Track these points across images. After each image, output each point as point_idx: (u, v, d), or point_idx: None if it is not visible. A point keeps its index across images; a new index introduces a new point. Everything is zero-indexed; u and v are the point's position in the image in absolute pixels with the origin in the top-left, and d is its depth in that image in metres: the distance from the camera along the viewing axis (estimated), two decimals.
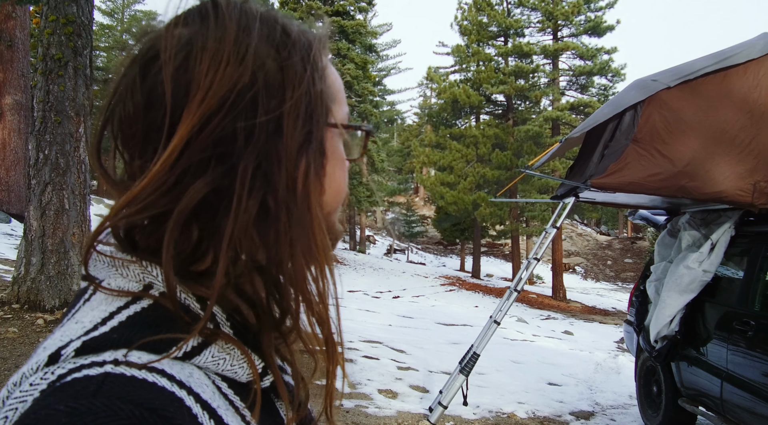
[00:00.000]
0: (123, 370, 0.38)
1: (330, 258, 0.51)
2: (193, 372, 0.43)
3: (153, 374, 0.39)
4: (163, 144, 0.44)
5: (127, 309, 0.45)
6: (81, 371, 0.38)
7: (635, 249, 36.45)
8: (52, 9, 5.76)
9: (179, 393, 0.40)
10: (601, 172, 4.06)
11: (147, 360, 0.40)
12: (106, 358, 0.39)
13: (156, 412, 0.36)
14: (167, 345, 0.42)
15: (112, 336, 0.42)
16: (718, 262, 4.22)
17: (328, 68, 0.55)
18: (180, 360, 0.43)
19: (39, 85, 5.71)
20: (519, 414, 4.95)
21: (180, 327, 0.44)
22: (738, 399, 3.69)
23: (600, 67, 22.62)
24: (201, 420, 0.40)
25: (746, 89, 3.99)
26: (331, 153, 0.53)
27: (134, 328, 0.43)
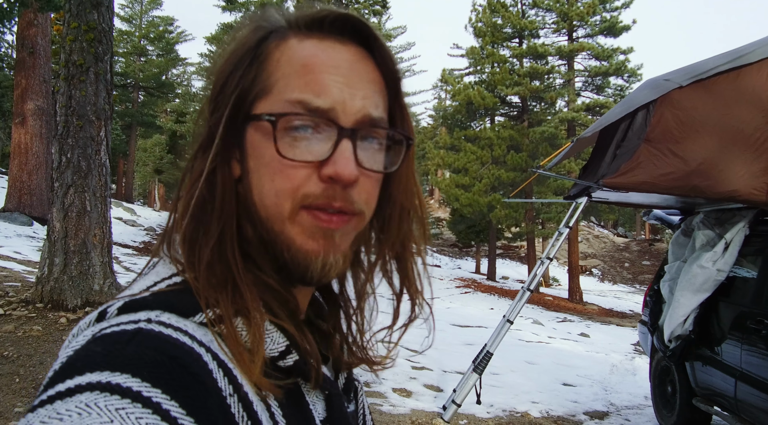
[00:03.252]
0: (153, 327, 0.44)
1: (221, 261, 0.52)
2: (215, 339, 0.47)
3: (177, 332, 0.45)
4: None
5: (169, 280, 0.51)
6: (119, 326, 0.45)
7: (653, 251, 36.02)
8: (74, 16, 5.92)
9: (198, 349, 0.44)
10: (613, 172, 4.08)
11: (175, 321, 0.46)
12: (140, 317, 0.46)
13: (176, 359, 0.42)
14: (195, 311, 0.48)
15: (148, 299, 0.48)
16: (732, 262, 4.21)
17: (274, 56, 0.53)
18: (204, 326, 0.48)
19: (62, 91, 5.87)
20: (533, 413, 4.97)
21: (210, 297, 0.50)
22: (753, 398, 3.68)
23: (616, 68, 22.43)
24: (215, 376, 0.44)
25: (760, 88, 3.98)
26: (253, 149, 0.52)
27: (170, 295, 0.49)
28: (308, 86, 0.50)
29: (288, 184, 0.50)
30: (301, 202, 0.50)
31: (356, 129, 0.51)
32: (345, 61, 0.52)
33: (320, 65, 0.51)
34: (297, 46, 0.52)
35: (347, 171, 0.49)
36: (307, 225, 0.50)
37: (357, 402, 0.66)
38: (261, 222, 0.52)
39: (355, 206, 0.51)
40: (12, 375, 4.04)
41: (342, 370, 0.63)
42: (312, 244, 0.51)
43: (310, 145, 0.50)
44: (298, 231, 0.51)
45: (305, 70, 0.50)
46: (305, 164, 0.50)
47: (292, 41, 0.52)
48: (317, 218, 0.50)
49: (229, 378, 0.45)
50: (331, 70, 0.51)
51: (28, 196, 14.39)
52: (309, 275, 0.52)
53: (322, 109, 0.50)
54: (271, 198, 0.51)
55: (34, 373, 4.13)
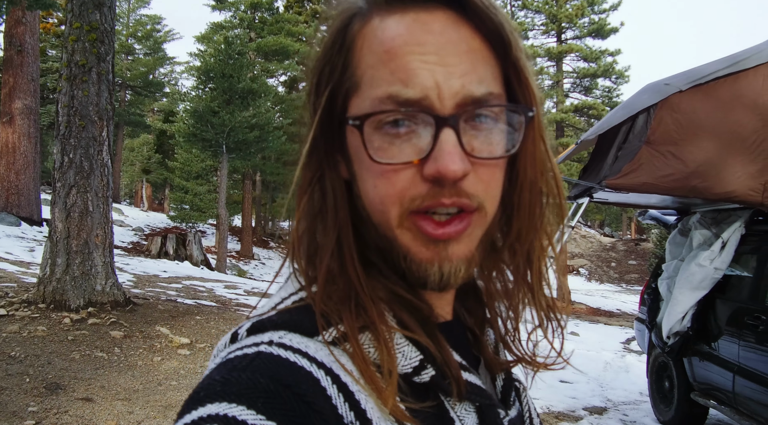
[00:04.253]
0: (273, 350, 0.43)
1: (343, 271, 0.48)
2: (341, 357, 0.44)
3: (297, 355, 0.43)
4: None
5: (294, 295, 0.49)
6: (243, 349, 0.44)
7: (639, 250, 36.48)
8: (76, 16, 5.92)
9: (317, 373, 0.42)
10: (615, 173, 4.20)
11: (297, 342, 0.44)
12: (264, 339, 0.44)
13: (290, 388, 0.40)
14: (318, 330, 0.46)
15: (273, 319, 0.47)
16: (728, 260, 4.35)
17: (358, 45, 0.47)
18: (330, 344, 0.45)
19: (64, 91, 5.87)
20: None
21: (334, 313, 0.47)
22: (750, 392, 3.81)
23: (604, 69, 22.76)
24: (335, 402, 0.41)
25: (756, 92, 4.12)
26: (355, 153, 0.48)
27: (295, 312, 0.47)
28: (394, 75, 0.44)
29: (391, 189, 0.45)
30: (409, 207, 0.45)
31: (457, 114, 0.44)
32: (434, 34, 0.45)
33: (404, 47, 0.44)
34: (378, 27, 0.46)
35: (451, 167, 0.43)
36: (417, 233, 0.46)
37: (521, 405, 0.61)
38: (375, 229, 0.49)
39: (473, 200, 0.45)
40: (22, 375, 4.05)
41: (498, 372, 0.58)
42: (425, 253, 0.47)
43: (408, 142, 0.45)
44: (410, 238, 0.47)
45: (388, 56, 0.44)
46: (406, 165, 0.44)
47: (374, 22, 0.46)
48: (422, 229, 0.46)
49: (350, 404, 0.42)
50: (417, 49, 0.44)
51: (16, 196, 14.23)
52: (429, 283, 0.48)
53: (414, 100, 0.44)
54: (377, 205, 0.47)
55: (43, 373, 4.15)
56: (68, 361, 4.45)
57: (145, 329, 5.45)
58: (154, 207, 35.81)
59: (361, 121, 0.45)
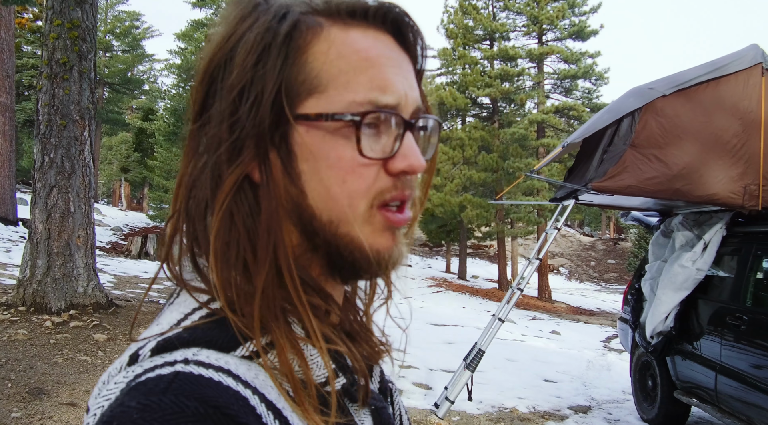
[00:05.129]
0: (191, 369, 0.40)
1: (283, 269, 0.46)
2: (260, 373, 0.44)
3: (219, 373, 0.41)
4: None
5: (200, 310, 0.46)
6: (154, 371, 0.40)
7: (618, 250, 37.04)
8: (57, 14, 5.81)
9: (244, 392, 0.41)
10: (600, 176, 4.26)
11: (215, 359, 0.42)
12: (177, 357, 0.41)
13: (220, 409, 0.38)
14: (235, 344, 0.44)
15: (183, 336, 0.44)
16: (710, 261, 4.44)
17: (317, 49, 0.47)
18: (248, 360, 0.44)
19: (44, 89, 5.75)
20: (520, 409, 5.13)
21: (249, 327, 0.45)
22: (732, 390, 3.90)
23: (584, 71, 22.99)
24: (265, 420, 0.41)
25: (737, 98, 4.22)
26: (308, 150, 0.47)
27: (206, 327, 0.45)
28: (373, 83, 0.47)
29: (363, 184, 0.47)
30: (376, 199, 0.48)
31: (414, 121, 0.50)
32: (394, 52, 0.50)
33: (379, 58, 0.48)
34: (344, 37, 0.48)
35: (419, 162, 0.49)
36: (378, 225, 0.49)
37: (393, 405, 0.62)
38: (322, 227, 0.48)
39: (414, 192, 0.51)
40: (3, 380, 3.97)
41: (374, 365, 0.58)
42: (382, 241, 0.49)
43: (378, 141, 0.48)
44: (369, 231, 0.48)
45: (366, 64, 0.47)
46: (376, 161, 0.48)
47: (334, 31, 0.48)
48: (388, 218, 0.49)
49: (280, 421, 0.42)
50: (389, 62, 0.49)
51: None
52: (382, 270, 0.50)
53: (391, 106, 0.48)
54: (342, 200, 0.47)
55: (25, 378, 4.07)
56: (51, 365, 4.37)
57: (128, 331, 5.37)
58: (132, 206, 35.31)
59: (361, 117, 0.46)
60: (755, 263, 4.06)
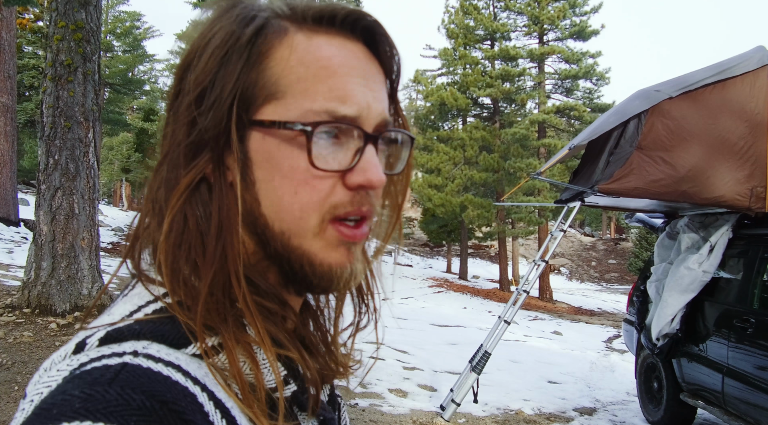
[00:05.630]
0: (140, 362, 0.39)
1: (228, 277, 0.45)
2: (210, 373, 0.43)
3: (169, 368, 0.40)
4: None
5: (155, 303, 0.45)
6: (101, 360, 0.39)
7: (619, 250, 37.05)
8: (62, 15, 5.80)
9: (193, 389, 0.40)
10: (607, 178, 4.26)
11: (165, 353, 0.41)
12: (126, 349, 0.40)
13: (167, 404, 0.37)
14: (187, 341, 0.43)
15: (134, 328, 0.42)
16: (717, 263, 4.44)
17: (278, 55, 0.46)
18: (198, 358, 0.43)
19: (48, 91, 5.75)
20: (526, 411, 5.13)
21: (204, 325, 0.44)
22: (739, 392, 3.90)
23: (585, 71, 23.00)
24: (212, 419, 0.40)
25: (743, 99, 4.21)
26: (263, 158, 0.46)
27: (158, 322, 0.43)
28: (332, 92, 0.46)
29: (315, 196, 0.46)
30: (329, 213, 0.47)
31: (377, 134, 0.48)
32: (360, 60, 0.48)
33: (341, 67, 0.46)
34: (307, 43, 0.47)
35: (377, 177, 0.47)
36: (331, 239, 0.47)
37: (339, 419, 0.60)
38: (273, 237, 0.47)
39: (375, 209, 0.49)
40: (10, 383, 3.97)
41: (326, 383, 0.57)
42: (335, 257, 0.48)
43: (336, 153, 0.46)
44: (321, 245, 0.47)
45: (326, 73, 0.46)
46: (332, 174, 0.46)
47: (298, 37, 0.47)
48: (342, 233, 0.47)
49: (227, 420, 0.41)
50: (352, 72, 0.47)
51: None
52: (334, 286, 0.49)
53: (350, 118, 0.46)
54: (294, 212, 0.46)
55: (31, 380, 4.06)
56: None
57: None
58: (133, 206, 35.32)
59: (312, 127, 0.45)
60: (762, 265, 4.06)
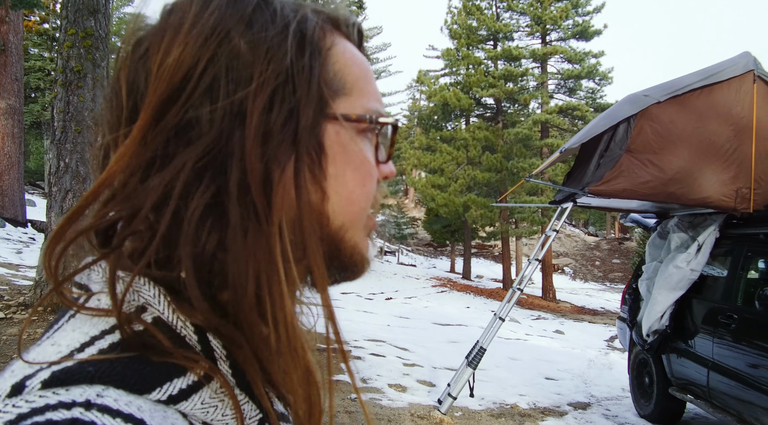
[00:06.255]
0: (94, 417, 0.33)
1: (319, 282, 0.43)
2: (177, 422, 0.37)
3: (128, 424, 0.34)
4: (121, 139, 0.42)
5: (112, 335, 0.38)
6: (44, 413, 0.32)
7: (623, 249, 37.10)
8: (72, 23, 6.00)
9: None
10: (597, 180, 4.41)
11: (125, 403, 0.34)
12: (76, 398, 0.34)
13: None
14: (151, 385, 0.37)
15: (86, 369, 0.36)
16: (704, 262, 4.59)
17: (336, 51, 0.46)
18: (164, 405, 0.37)
19: (59, 96, 5.95)
20: (521, 405, 5.29)
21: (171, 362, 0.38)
22: (723, 386, 4.05)
23: (588, 71, 23.08)
24: None
25: (730, 104, 4.36)
26: (337, 151, 0.45)
27: (116, 359, 0.37)
28: (375, 95, 0.49)
29: (373, 187, 0.49)
30: (374, 203, 0.50)
31: None
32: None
33: (371, 72, 0.50)
34: (345, 45, 0.48)
35: (394, 169, 0.51)
36: (367, 229, 0.50)
37: None
38: (330, 234, 0.46)
39: None
40: None
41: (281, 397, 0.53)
42: (366, 244, 0.50)
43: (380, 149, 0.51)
44: (363, 235, 0.49)
45: (369, 76, 0.49)
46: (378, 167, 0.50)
47: (340, 40, 0.48)
48: (371, 223, 0.50)
49: None
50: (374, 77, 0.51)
51: (0, 197, 14.14)
52: (363, 272, 0.51)
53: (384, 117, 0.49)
54: (361, 204, 0.47)
55: None
56: None
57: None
58: None
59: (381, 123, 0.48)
60: (746, 263, 4.21)
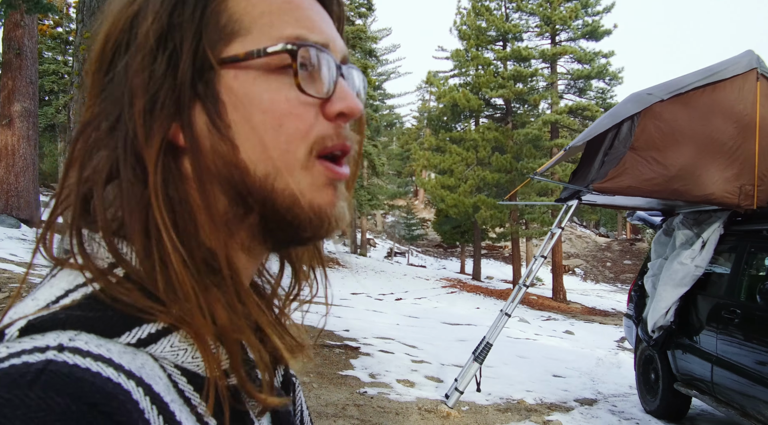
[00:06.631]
0: (66, 357, 0.35)
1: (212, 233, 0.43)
2: (146, 363, 0.39)
3: (98, 363, 0.35)
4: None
5: (85, 287, 0.41)
6: (21, 356, 0.35)
7: (634, 250, 36.88)
8: (86, 26, 6.15)
9: (126, 385, 0.36)
10: (601, 177, 4.48)
11: (95, 345, 0.36)
12: (49, 342, 0.36)
13: (96, 407, 0.33)
14: (120, 330, 0.39)
15: (59, 316, 0.38)
16: (708, 258, 4.64)
17: None
18: (134, 347, 0.39)
19: (75, 98, 6.09)
20: (528, 400, 5.36)
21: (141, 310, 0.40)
22: (727, 381, 4.10)
23: (598, 71, 23.02)
24: (148, 416, 0.36)
25: (732, 102, 4.41)
26: (237, 97, 0.43)
27: (87, 308, 0.39)
28: (299, 22, 0.45)
29: (302, 125, 0.43)
30: (317, 144, 0.44)
31: (346, 66, 0.49)
32: (314, 3, 0.48)
33: (303, 2, 0.46)
34: None
35: (356, 104, 0.46)
36: (319, 176, 0.45)
37: (294, 402, 0.58)
38: (254, 184, 0.43)
39: (352, 144, 0.48)
40: None
41: (280, 364, 0.54)
42: (323, 197, 0.45)
43: (313, 82, 0.45)
44: (308, 183, 0.44)
45: (289, 6, 0.45)
46: (314, 101, 0.44)
47: None
48: (329, 169, 0.45)
49: (164, 417, 0.37)
50: (313, 7, 0.47)
51: (16, 198, 14.35)
52: (323, 230, 0.46)
53: (321, 43, 0.45)
54: (280, 146, 0.43)
55: None
56: None
57: None
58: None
59: (297, 47, 0.43)
60: (749, 259, 4.26)
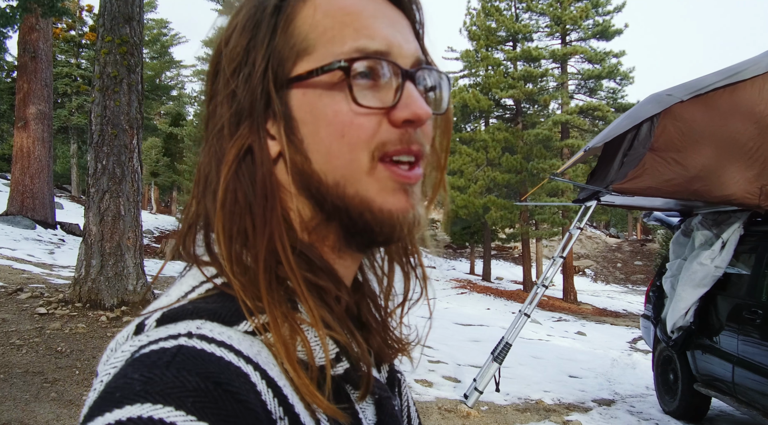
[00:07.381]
0: (194, 343, 0.40)
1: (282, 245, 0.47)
2: (262, 350, 0.43)
3: (222, 348, 0.40)
4: None
5: (208, 283, 0.47)
6: (158, 343, 0.40)
7: (645, 251, 36.66)
8: (108, 30, 6.25)
9: (245, 368, 0.40)
10: (621, 178, 4.49)
11: (218, 333, 0.42)
12: (180, 330, 0.41)
13: (221, 385, 0.37)
14: (239, 319, 0.44)
15: (188, 307, 0.44)
16: (728, 259, 4.64)
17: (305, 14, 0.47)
18: (251, 335, 0.43)
19: (97, 101, 6.19)
20: (546, 401, 5.38)
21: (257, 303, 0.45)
22: (749, 381, 4.10)
23: (608, 71, 22.91)
24: (265, 398, 0.40)
25: (753, 102, 4.41)
26: (306, 112, 0.47)
27: (210, 300, 0.45)
28: (359, 32, 0.46)
29: (363, 134, 0.46)
30: (378, 150, 0.46)
31: (414, 70, 0.48)
32: (381, 8, 0.49)
33: (365, 10, 0.47)
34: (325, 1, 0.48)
35: (423, 110, 0.46)
36: (386, 181, 0.47)
37: (401, 397, 0.60)
38: (329, 191, 0.47)
39: (425, 149, 0.49)
40: (71, 368, 4.37)
41: (386, 361, 0.57)
42: (394, 201, 0.47)
43: (375, 93, 0.46)
44: (377, 188, 0.47)
45: (351, 17, 0.47)
46: (377, 111, 0.46)
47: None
48: (395, 174, 0.47)
49: (279, 399, 0.41)
50: (377, 14, 0.48)
51: (31, 200, 14.51)
52: (397, 234, 0.48)
53: (381, 51, 0.46)
54: (344, 155, 0.46)
55: (90, 366, 4.47)
56: None
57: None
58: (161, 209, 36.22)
59: (348, 63, 0.45)
60: None
